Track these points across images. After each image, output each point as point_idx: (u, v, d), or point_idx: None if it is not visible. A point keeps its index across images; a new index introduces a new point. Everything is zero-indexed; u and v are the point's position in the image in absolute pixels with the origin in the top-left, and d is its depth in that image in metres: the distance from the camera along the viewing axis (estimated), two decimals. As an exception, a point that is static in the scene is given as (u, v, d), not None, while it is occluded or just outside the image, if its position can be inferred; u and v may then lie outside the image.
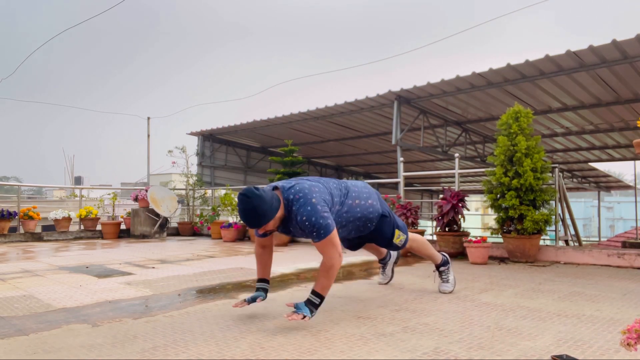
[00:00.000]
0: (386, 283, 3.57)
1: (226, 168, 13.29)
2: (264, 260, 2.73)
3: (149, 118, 13.14)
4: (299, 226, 2.40)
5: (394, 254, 3.52)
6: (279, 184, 2.49)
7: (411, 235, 3.11)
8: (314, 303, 2.35)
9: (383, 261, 3.53)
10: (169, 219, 9.05)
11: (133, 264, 4.89)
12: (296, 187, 2.42)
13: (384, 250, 3.43)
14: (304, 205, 2.35)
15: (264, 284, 2.70)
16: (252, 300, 2.61)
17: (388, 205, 6.52)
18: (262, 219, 2.31)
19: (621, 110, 8.60)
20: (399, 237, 2.91)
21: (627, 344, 1.33)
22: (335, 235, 2.38)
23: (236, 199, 8.89)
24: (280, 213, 2.38)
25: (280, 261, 5.01)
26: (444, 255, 3.27)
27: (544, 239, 10.04)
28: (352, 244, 3.08)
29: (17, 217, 8.04)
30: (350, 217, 2.69)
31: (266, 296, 2.68)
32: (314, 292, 2.36)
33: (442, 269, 3.24)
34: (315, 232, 2.34)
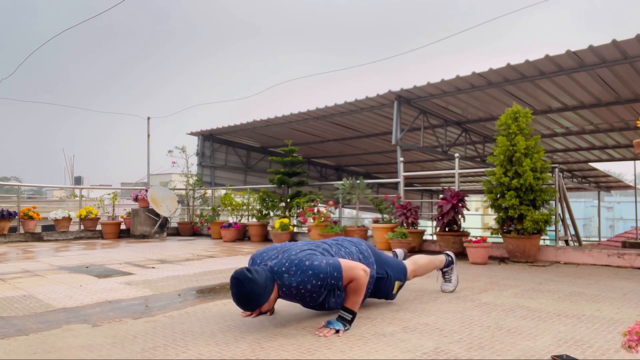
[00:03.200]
0: None
1: (226, 168, 13.29)
2: None
3: (149, 118, 13.12)
4: (308, 292, 2.29)
5: (399, 253, 3.50)
6: (269, 262, 2.33)
7: (411, 264, 2.99)
8: (345, 319, 2.29)
9: None
10: (169, 219, 9.05)
11: (133, 264, 4.89)
12: (285, 264, 2.28)
13: None
14: (304, 273, 2.23)
15: None
16: (262, 311, 2.57)
17: (388, 205, 6.53)
18: (256, 303, 2.22)
19: (621, 110, 8.60)
20: (395, 289, 2.82)
21: (629, 346, 1.33)
22: (345, 262, 2.31)
23: (236, 199, 8.92)
24: (274, 295, 2.29)
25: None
26: (448, 255, 3.25)
27: (544, 239, 10.05)
28: None
29: (17, 217, 8.04)
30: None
31: (274, 308, 2.65)
32: (344, 309, 2.32)
33: (445, 269, 3.24)
34: (333, 280, 2.26)
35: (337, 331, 2.22)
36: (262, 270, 2.26)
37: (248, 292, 2.18)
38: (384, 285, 2.76)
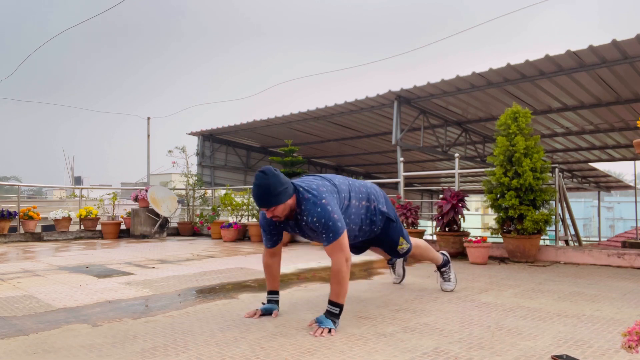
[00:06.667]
0: (399, 282, 3.56)
1: (226, 168, 13.30)
2: (274, 272, 2.67)
3: (149, 118, 13.12)
4: (308, 226, 2.37)
5: None
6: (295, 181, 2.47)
7: (414, 241, 3.07)
8: (333, 313, 2.30)
9: (391, 262, 3.52)
10: (169, 219, 9.05)
11: (133, 264, 4.89)
12: (310, 184, 2.41)
13: None
14: (314, 205, 2.31)
15: (275, 296, 2.66)
16: (267, 312, 2.58)
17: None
18: (274, 199, 2.27)
19: (621, 110, 8.60)
20: (401, 245, 2.86)
21: (628, 347, 1.32)
22: (344, 238, 2.32)
23: (236, 199, 8.92)
24: (292, 201, 2.35)
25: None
26: (444, 255, 3.28)
27: (544, 239, 10.04)
28: (356, 248, 3.04)
29: (17, 217, 8.04)
30: (356, 219, 2.64)
31: (278, 308, 2.64)
32: (330, 302, 2.33)
33: (443, 269, 3.26)
34: (325, 235, 2.30)
35: (330, 330, 2.23)
36: (287, 177, 2.38)
37: (269, 184, 2.26)
38: (391, 232, 2.81)
